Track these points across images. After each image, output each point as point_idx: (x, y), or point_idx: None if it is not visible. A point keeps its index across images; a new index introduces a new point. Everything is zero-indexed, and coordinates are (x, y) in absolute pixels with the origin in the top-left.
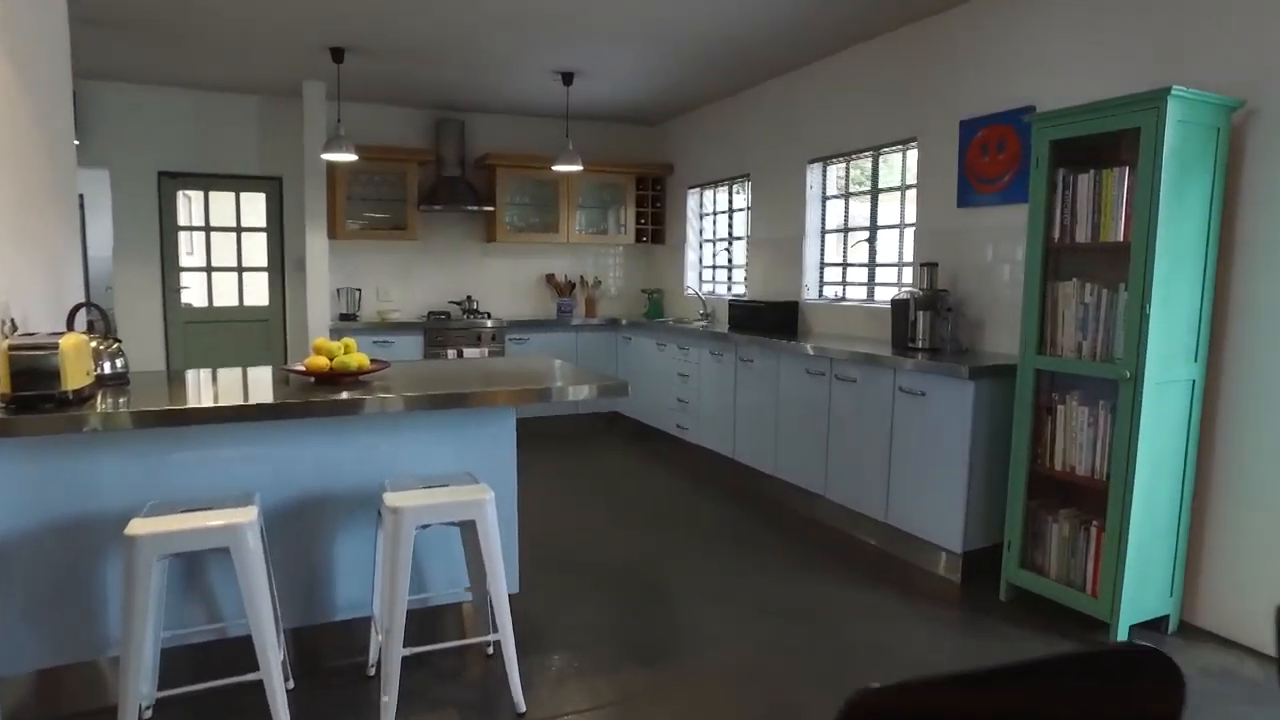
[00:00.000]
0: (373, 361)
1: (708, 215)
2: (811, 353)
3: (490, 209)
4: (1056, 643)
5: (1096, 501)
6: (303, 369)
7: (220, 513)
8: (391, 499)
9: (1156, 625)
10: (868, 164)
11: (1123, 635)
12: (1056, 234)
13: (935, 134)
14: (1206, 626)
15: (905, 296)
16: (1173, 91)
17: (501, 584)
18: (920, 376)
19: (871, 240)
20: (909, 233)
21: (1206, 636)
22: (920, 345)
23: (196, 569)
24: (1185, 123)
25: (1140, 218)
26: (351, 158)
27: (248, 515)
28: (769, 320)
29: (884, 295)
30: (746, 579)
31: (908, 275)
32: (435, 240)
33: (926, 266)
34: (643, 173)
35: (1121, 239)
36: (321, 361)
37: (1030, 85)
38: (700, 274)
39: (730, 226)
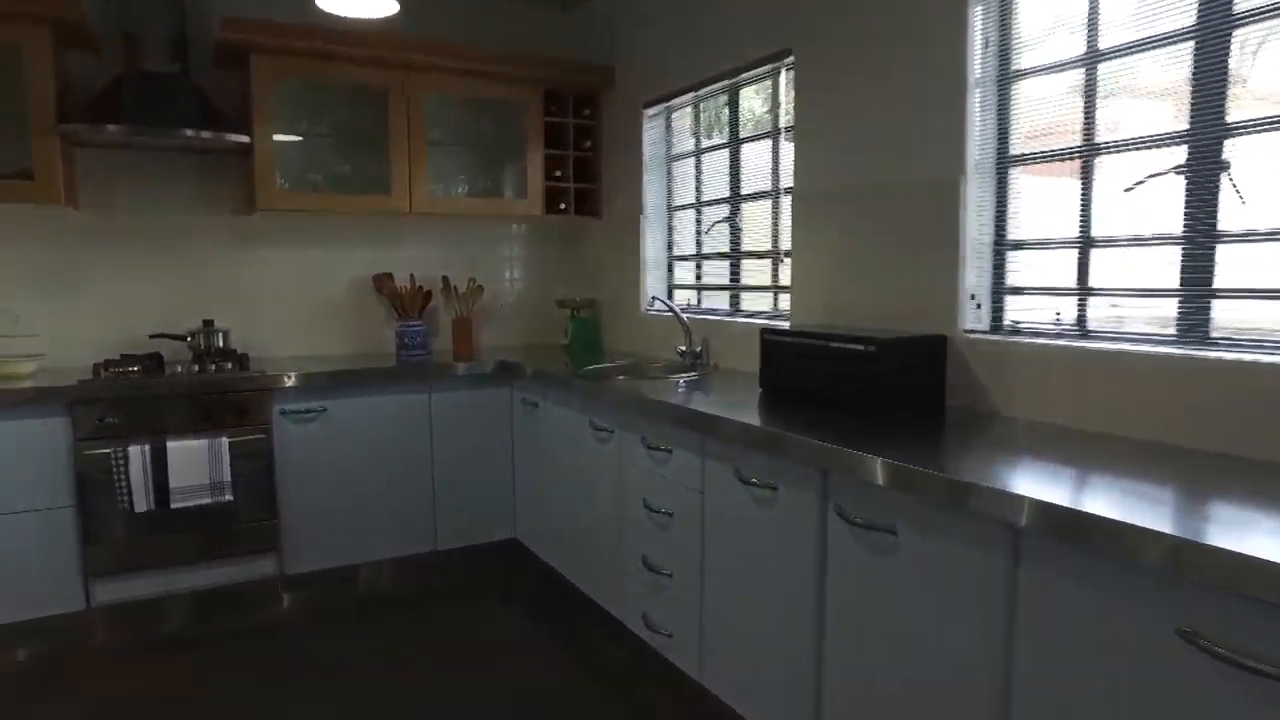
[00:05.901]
0: None
1: (685, 159)
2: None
3: (243, 140)
4: None
5: None
6: None
7: None
8: None
9: None
10: None
11: None
12: None
13: None
14: None
15: None
16: None
17: None
18: None
19: (1214, 176)
20: None
21: None
22: None
23: None
24: None
25: None
26: None
27: None
28: (875, 379)
29: (1245, 317)
30: None
31: None
32: (121, 207)
33: None
34: (557, 82)
35: None
36: None
37: None
38: (672, 273)
39: (735, 175)
